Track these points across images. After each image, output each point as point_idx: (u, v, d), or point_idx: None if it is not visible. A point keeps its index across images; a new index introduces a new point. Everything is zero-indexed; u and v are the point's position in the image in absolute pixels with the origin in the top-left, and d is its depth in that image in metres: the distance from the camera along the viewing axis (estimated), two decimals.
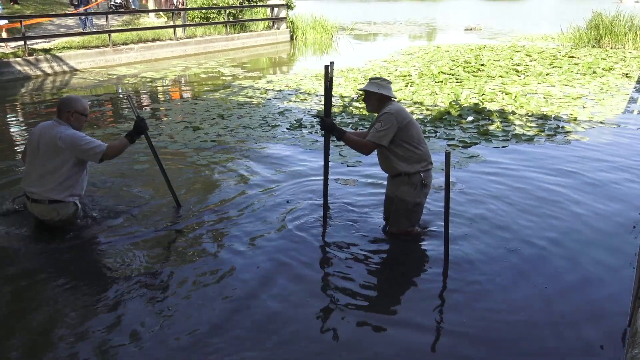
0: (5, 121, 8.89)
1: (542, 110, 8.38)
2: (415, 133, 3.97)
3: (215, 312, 3.26)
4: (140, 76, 13.54)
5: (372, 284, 3.66)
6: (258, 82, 12.09)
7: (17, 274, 3.70)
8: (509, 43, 18.76)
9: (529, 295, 3.44)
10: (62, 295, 3.45)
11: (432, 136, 7.05)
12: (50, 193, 4.11)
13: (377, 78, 4.08)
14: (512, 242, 4.12)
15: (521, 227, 4.37)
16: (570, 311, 3.26)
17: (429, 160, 4.05)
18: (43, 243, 4.15)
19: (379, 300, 3.49)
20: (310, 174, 5.60)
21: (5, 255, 3.95)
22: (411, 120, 3.97)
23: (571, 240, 4.15)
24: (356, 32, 26.49)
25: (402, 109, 3.98)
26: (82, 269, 3.82)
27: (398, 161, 4.00)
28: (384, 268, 3.87)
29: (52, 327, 3.11)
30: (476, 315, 3.22)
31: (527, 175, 5.56)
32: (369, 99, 4.08)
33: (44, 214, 4.19)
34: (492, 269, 3.75)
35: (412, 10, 47.43)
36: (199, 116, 8.55)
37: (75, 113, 4.20)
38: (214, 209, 4.77)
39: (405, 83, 10.98)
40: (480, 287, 3.53)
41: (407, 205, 4.08)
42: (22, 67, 13.40)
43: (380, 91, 3.97)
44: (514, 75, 11.87)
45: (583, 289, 3.53)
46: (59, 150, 4.06)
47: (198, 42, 18.55)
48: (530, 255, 3.93)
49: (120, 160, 5.73)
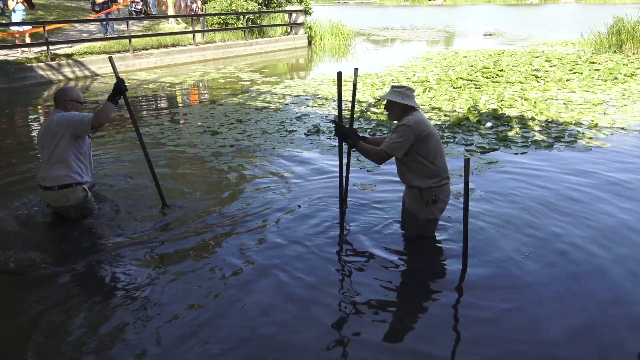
0: (28, 124, 9.06)
1: (562, 117, 8.29)
2: (432, 147, 3.87)
3: (220, 319, 3.27)
4: (159, 81, 13.69)
5: (387, 293, 3.63)
6: (276, 87, 12.16)
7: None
8: (528, 48, 18.60)
9: (543, 300, 3.40)
10: (59, 297, 3.50)
11: (450, 142, 7.02)
12: (56, 172, 4.31)
13: (401, 86, 3.99)
14: (532, 249, 4.08)
15: (541, 234, 4.32)
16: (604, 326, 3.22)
17: (443, 175, 3.96)
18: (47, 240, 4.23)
19: (392, 307, 3.47)
20: (327, 180, 5.61)
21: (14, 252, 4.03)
22: (430, 133, 3.86)
23: (594, 248, 4.08)
24: (373, 37, 26.49)
25: (422, 121, 3.87)
26: (82, 274, 3.87)
27: (411, 174, 3.96)
28: (400, 275, 3.84)
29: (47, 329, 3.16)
30: (494, 330, 3.19)
31: (547, 181, 5.50)
32: (392, 108, 4.01)
33: (55, 200, 4.39)
34: (511, 275, 3.71)
35: (430, 16, 47.29)
36: (217, 121, 8.62)
37: (71, 101, 4.47)
38: (229, 213, 4.80)
39: (423, 89, 10.94)
40: (499, 297, 3.49)
41: (418, 222, 4.07)
42: (44, 71, 13.64)
43: (405, 101, 3.90)
44: (534, 81, 11.76)
45: (616, 304, 3.42)
46: (55, 130, 4.31)
47: (217, 47, 18.71)
48: (548, 262, 3.88)
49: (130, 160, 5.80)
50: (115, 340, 3.04)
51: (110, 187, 5.44)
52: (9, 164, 6.44)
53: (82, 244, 4.24)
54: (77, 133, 4.36)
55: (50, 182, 4.34)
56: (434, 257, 4.03)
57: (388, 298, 3.55)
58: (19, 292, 3.57)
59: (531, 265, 3.83)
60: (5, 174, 6.01)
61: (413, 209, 4.06)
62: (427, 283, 3.72)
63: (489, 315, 3.27)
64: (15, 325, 3.22)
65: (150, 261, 3.98)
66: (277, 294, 3.51)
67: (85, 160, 4.52)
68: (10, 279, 3.76)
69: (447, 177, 4.01)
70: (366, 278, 3.73)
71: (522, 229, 4.41)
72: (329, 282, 3.67)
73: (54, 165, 4.33)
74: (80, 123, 4.31)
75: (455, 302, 3.47)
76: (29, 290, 3.58)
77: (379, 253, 4.05)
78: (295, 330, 3.14)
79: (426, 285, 3.70)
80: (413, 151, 3.87)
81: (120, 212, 4.80)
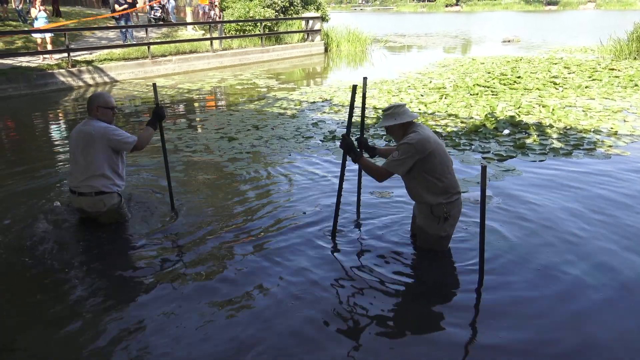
0: (49, 129, 9.21)
1: (581, 124, 8.20)
2: (438, 164, 3.78)
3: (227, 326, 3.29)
4: (177, 87, 13.84)
5: (400, 304, 3.62)
6: (292, 93, 12.21)
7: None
8: (546, 55, 18.45)
9: (556, 314, 3.36)
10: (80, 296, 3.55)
11: (467, 149, 6.98)
12: (96, 182, 4.41)
13: (388, 108, 3.91)
14: (549, 257, 4.03)
15: (559, 242, 4.28)
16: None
17: (453, 191, 3.88)
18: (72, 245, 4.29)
19: (404, 318, 3.45)
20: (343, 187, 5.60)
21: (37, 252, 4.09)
22: (434, 150, 3.75)
23: (615, 257, 4.02)
24: (390, 44, 26.49)
25: (425, 137, 3.76)
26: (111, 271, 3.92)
27: (420, 190, 3.89)
28: (413, 284, 3.82)
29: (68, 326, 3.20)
30: (510, 337, 3.16)
31: (565, 189, 5.44)
32: (391, 131, 3.96)
33: (91, 205, 4.49)
34: (529, 284, 3.67)
35: (447, 22, 47.18)
36: (234, 127, 8.68)
37: (99, 108, 4.53)
38: (242, 221, 4.82)
39: (440, 95, 10.91)
40: (518, 307, 3.46)
41: (430, 239, 4.02)
42: (65, 78, 13.87)
43: (398, 120, 3.83)
44: (552, 87, 11.65)
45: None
46: (94, 142, 4.38)
47: (234, 54, 18.86)
48: (566, 271, 3.83)
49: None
50: (111, 345, 3.08)
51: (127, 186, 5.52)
52: (33, 169, 6.54)
53: (96, 246, 4.30)
54: (117, 150, 4.50)
55: (87, 189, 4.42)
56: (449, 265, 4.00)
57: (401, 307, 3.53)
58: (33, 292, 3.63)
59: (549, 274, 3.79)
60: (27, 178, 6.11)
61: (424, 225, 4.01)
62: (442, 292, 3.69)
63: (506, 324, 3.24)
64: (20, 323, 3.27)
65: (161, 266, 4.01)
66: (283, 305, 3.50)
67: (121, 170, 4.62)
68: (26, 280, 3.82)
69: (458, 191, 3.93)
70: (379, 287, 3.71)
71: (540, 237, 4.37)
72: (338, 295, 3.66)
73: (92, 176, 4.41)
74: (121, 144, 4.47)
75: (471, 309, 3.44)
76: (45, 291, 3.63)
77: (392, 260, 4.04)
78: (303, 346, 3.14)
79: (442, 293, 3.67)
80: (418, 168, 3.80)
81: (136, 215, 4.88)
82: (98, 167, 4.41)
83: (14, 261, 4.09)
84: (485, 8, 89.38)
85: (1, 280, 3.87)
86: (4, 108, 11.55)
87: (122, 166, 4.63)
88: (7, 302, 3.58)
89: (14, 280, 3.86)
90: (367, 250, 4.21)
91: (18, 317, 3.39)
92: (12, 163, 6.90)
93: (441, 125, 8.34)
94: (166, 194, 5.12)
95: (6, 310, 3.48)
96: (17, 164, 6.83)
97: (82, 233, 4.56)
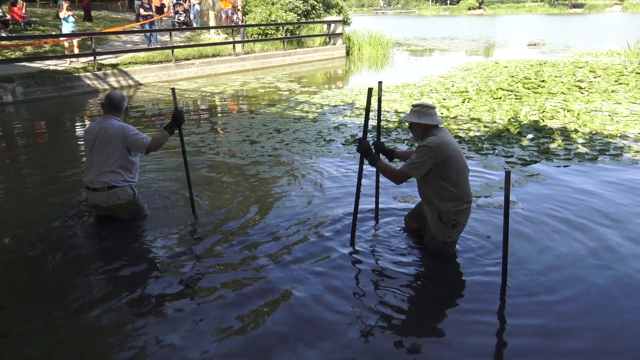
0: (75, 132, 9.38)
1: (607, 129, 8.07)
2: (453, 171, 3.77)
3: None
4: (200, 90, 13.99)
5: (420, 309, 3.61)
6: (314, 97, 12.25)
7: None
8: (572, 59, 18.20)
9: (580, 323, 3.31)
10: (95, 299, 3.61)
11: (490, 153, 6.92)
12: (106, 178, 4.54)
13: (419, 105, 3.91)
14: (574, 264, 3.97)
15: (584, 249, 4.21)
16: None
17: (465, 199, 3.87)
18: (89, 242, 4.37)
19: (424, 323, 3.44)
20: (364, 189, 5.59)
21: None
22: (451, 157, 3.74)
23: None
24: (412, 47, 26.39)
25: (444, 143, 3.74)
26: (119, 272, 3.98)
27: (431, 196, 3.90)
28: (434, 289, 3.80)
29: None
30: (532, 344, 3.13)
31: (590, 195, 5.36)
32: (413, 129, 3.99)
33: (105, 199, 4.60)
34: (552, 290, 3.63)
35: (470, 26, 46.83)
36: (256, 130, 8.74)
37: (127, 109, 4.86)
38: (265, 221, 4.86)
39: (462, 99, 10.83)
40: (541, 313, 3.42)
41: (438, 244, 4.05)
42: (91, 81, 14.13)
43: (422, 120, 3.83)
44: (577, 92, 11.48)
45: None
46: (111, 139, 4.52)
47: (256, 57, 19.01)
48: (591, 283, 3.77)
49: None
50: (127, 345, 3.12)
51: (147, 189, 5.64)
52: (60, 168, 6.67)
53: (112, 247, 4.38)
54: (131, 148, 4.63)
55: (99, 184, 4.56)
56: (472, 270, 3.96)
57: (422, 312, 3.52)
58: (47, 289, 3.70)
59: (573, 281, 3.74)
60: (53, 178, 6.24)
61: (433, 229, 4.02)
62: (465, 297, 3.66)
63: (528, 330, 3.21)
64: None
65: (180, 270, 4.06)
66: (299, 309, 3.49)
67: (133, 166, 4.75)
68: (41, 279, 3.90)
69: (469, 200, 3.92)
70: (398, 291, 3.70)
71: (565, 243, 4.31)
72: (356, 300, 3.66)
73: (103, 172, 4.55)
74: (136, 143, 4.59)
75: (494, 315, 3.41)
76: (47, 291, 3.71)
77: (412, 265, 4.03)
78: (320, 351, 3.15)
79: (464, 299, 3.64)
80: (434, 174, 3.80)
81: (155, 216, 4.97)
82: (111, 164, 4.55)
83: (22, 258, 4.20)
84: (508, 11, 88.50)
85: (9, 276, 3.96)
86: (33, 110, 11.81)
87: (134, 164, 4.75)
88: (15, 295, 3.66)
89: (19, 276, 3.95)
90: (385, 254, 4.19)
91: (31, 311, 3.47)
92: (40, 162, 7.05)
93: (464, 130, 8.29)
94: (187, 194, 5.18)
95: (18, 303, 3.56)
96: (44, 164, 6.98)
97: (98, 231, 4.67)
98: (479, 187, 5.63)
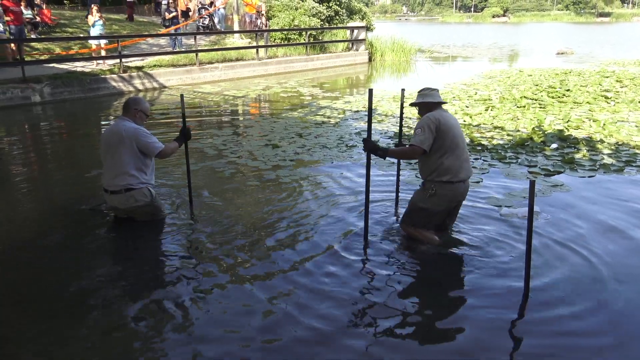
0: (100, 132, 9.53)
1: (634, 140, 7.92)
2: (447, 144, 4.02)
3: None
4: (223, 94, 14.12)
5: (436, 313, 3.58)
6: (336, 102, 12.26)
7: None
8: (598, 68, 17.93)
9: (603, 337, 3.25)
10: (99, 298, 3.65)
11: (513, 162, 6.85)
12: (123, 181, 4.60)
13: (423, 88, 4.32)
14: (598, 278, 3.90)
15: (609, 261, 4.13)
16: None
17: (449, 174, 4.06)
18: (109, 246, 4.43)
19: (439, 328, 3.41)
20: (384, 194, 5.59)
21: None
22: (447, 130, 4.02)
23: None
24: (435, 54, 26.28)
25: (442, 116, 4.07)
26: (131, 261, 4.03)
27: (421, 164, 4.22)
28: (454, 294, 3.78)
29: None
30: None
31: (616, 207, 5.26)
32: (420, 110, 4.33)
33: (123, 202, 4.67)
34: (573, 301, 3.57)
35: (494, 33, 46.46)
36: (277, 134, 8.79)
37: (140, 112, 4.81)
38: (284, 224, 4.88)
39: (486, 107, 10.74)
40: (562, 326, 3.37)
41: (412, 205, 4.32)
42: (117, 83, 14.36)
43: (425, 99, 4.19)
44: (603, 101, 11.30)
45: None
46: (124, 141, 4.58)
47: (279, 62, 19.11)
48: (614, 296, 3.70)
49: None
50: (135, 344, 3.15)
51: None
52: (84, 169, 6.79)
53: (126, 247, 4.43)
54: (143, 152, 4.70)
55: (116, 187, 4.63)
56: (494, 279, 3.91)
57: (439, 317, 3.50)
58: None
59: (597, 294, 3.67)
60: (77, 178, 6.35)
61: (415, 194, 4.36)
62: (486, 307, 3.62)
63: (547, 341, 3.16)
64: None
65: (190, 269, 4.09)
66: (311, 311, 3.50)
67: (148, 168, 4.80)
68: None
69: (457, 180, 4.10)
70: (412, 294, 3.68)
71: (588, 255, 4.23)
72: (369, 302, 3.65)
73: (119, 174, 4.62)
74: (147, 147, 4.68)
75: (516, 324, 3.37)
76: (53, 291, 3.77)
77: (432, 269, 4.00)
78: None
79: (484, 309, 3.60)
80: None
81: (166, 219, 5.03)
82: (124, 166, 4.61)
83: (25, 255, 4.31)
84: (533, 19, 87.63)
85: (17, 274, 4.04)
86: (60, 111, 12.04)
87: (148, 166, 4.80)
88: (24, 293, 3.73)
89: (23, 274, 4.02)
90: (400, 256, 4.19)
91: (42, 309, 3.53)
92: (65, 162, 7.19)
93: (487, 138, 8.22)
94: (199, 198, 5.23)
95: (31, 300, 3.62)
96: (69, 163, 7.11)
97: (112, 233, 4.77)
98: (501, 196, 5.57)
